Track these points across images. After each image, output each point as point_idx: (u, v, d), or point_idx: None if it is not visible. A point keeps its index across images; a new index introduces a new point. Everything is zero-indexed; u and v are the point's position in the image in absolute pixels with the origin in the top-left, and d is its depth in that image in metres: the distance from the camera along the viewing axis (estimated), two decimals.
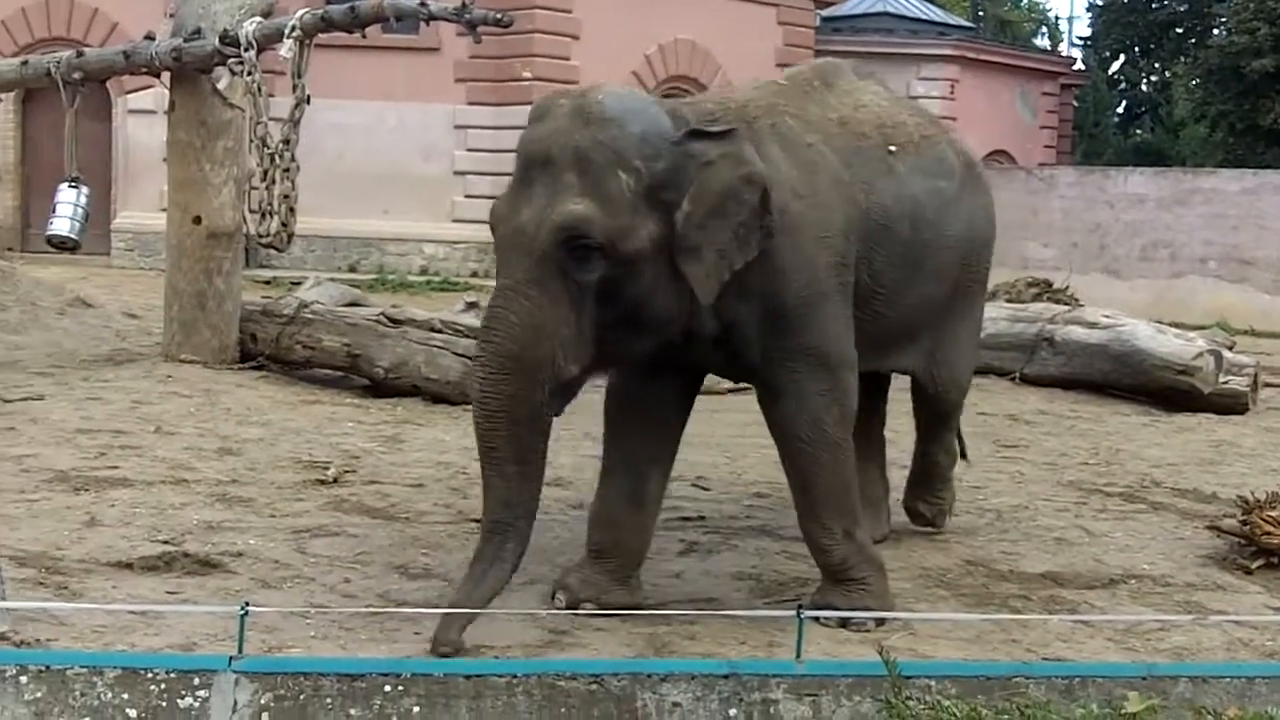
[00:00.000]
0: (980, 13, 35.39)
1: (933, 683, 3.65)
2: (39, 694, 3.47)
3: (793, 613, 3.91)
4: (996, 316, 11.09)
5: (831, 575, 4.58)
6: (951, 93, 22.92)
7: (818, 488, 4.52)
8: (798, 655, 3.76)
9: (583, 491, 6.04)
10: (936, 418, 5.63)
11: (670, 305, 4.18)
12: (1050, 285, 13.48)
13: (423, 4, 8.59)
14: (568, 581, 4.59)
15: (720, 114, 4.42)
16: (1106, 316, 10.49)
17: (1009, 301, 12.10)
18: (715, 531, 5.61)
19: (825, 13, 22.51)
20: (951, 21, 26.00)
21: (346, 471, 6.39)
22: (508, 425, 4.04)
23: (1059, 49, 35.69)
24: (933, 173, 5.01)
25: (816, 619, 4.36)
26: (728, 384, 9.82)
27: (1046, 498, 6.65)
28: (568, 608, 4.48)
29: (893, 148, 4.85)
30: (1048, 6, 42.21)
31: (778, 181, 4.31)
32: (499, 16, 8.03)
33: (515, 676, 3.54)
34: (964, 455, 6.01)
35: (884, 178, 4.77)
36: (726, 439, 7.55)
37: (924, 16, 24.64)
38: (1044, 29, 40.04)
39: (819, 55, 21.75)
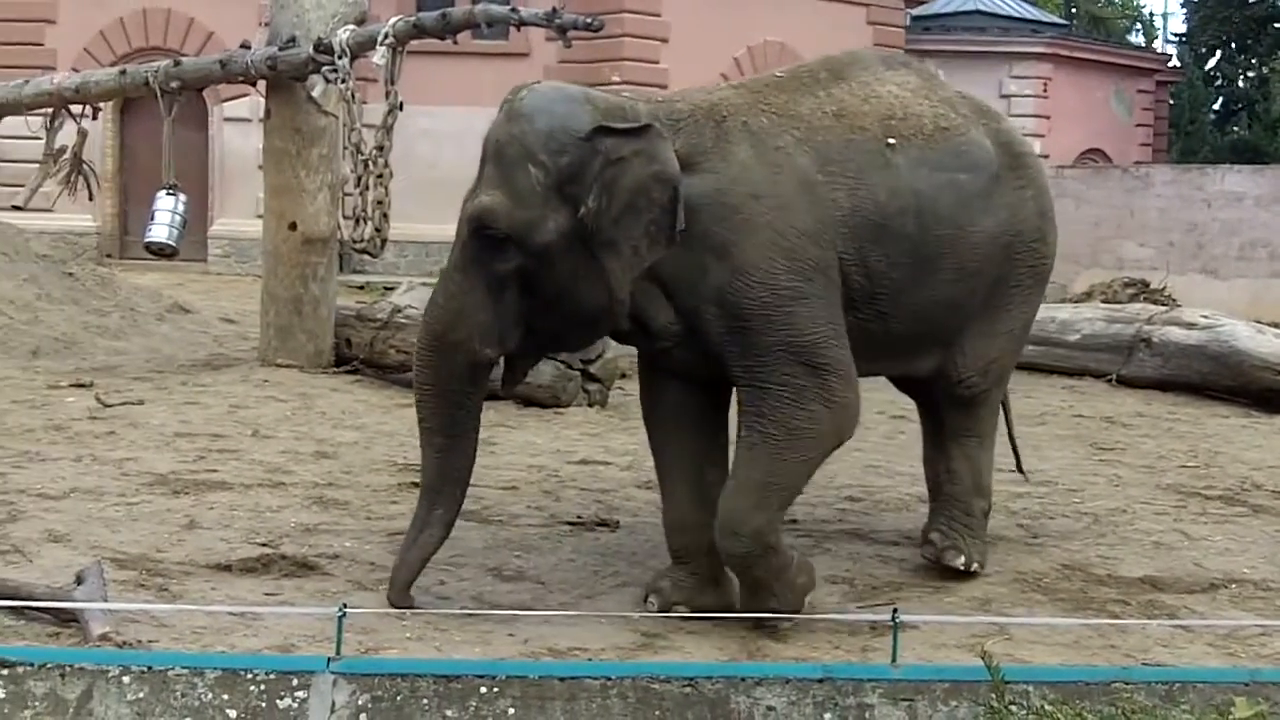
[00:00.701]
0: (1073, 9, 34.93)
1: (1031, 688, 3.61)
2: (141, 694, 3.53)
3: (888, 617, 3.88)
4: (1093, 317, 10.97)
5: (737, 567, 4.44)
6: (1044, 91, 22.66)
7: (753, 472, 4.36)
8: (893, 659, 3.73)
9: None
10: (955, 413, 5.12)
11: (597, 296, 4.27)
12: (1147, 285, 13.32)
13: (513, 9, 8.67)
14: (660, 585, 4.59)
15: (687, 112, 4.44)
16: (1204, 317, 10.33)
17: (1105, 302, 11.97)
18: (807, 535, 5.58)
19: (915, 12, 22.37)
20: (1044, 19, 25.71)
21: None
22: (433, 399, 4.41)
23: (1154, 45, 35.18)
24: (948, 165, 4.74)
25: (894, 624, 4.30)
26: None
27: (1145, 501, 6.55)
28: (660, 611, 4.49)
29: (892, 140, 4.64)
30: (1142, 2, 41.56)
31: (736, 181, 4.35)
32: (589, 21, 8.05)
33: (610, 679, 3.55)
34: (1020, 469, 5.89)
35: (878, 172, 4.57)
36: None
37: (1016, 14, 24.38)
38: (1138, 25, 39.46)
39: (910, 55, 21.60)
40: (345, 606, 3.69)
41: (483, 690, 3.53)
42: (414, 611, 4.34)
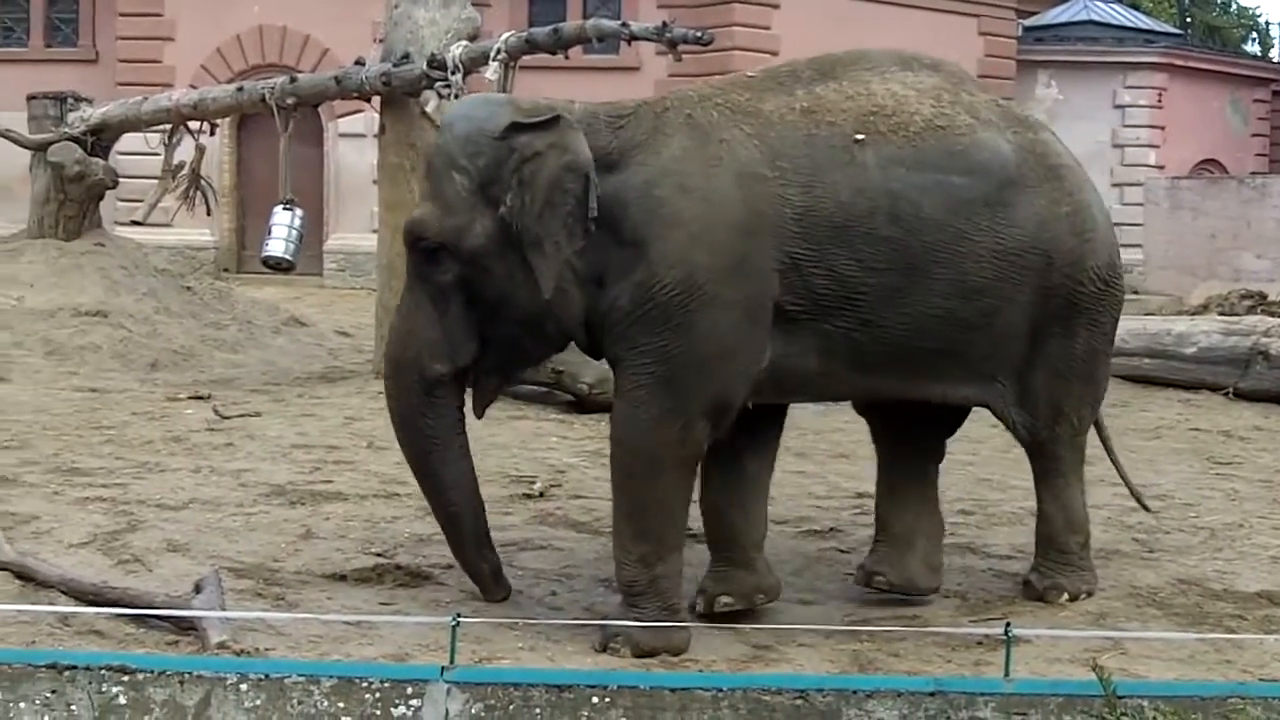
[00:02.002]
0: (1188, 19, 34.31)
1: (1145, 703, 3.55)
2: (258, 701, 3.59)
3: (1001, 630, 3.84)
4: (1209, 330, 10.75)
5: (624, 594, 4.33)
6: (1159, 101, 22.26)
7: (624, 500, 4.30)
8: (1006, 673, 3.69)
9: (785, 506, 6.03)
10: (1035, 465, 4.89)
11: (536, 298, 4.22)
12: (1265, 297, 13.02)
13: (624, 24, 8.70)
14: (704, 584, 4.60)
15: (631, 109, 4.42)
16: None
17: (1221, 314, 11.73)
18: (944, 529, 5.52)
19: (1028, 22, 22.09)
20: (1158, 28, 25.26)
21: (552, 486, 6.48)
22: (399, 425, 4.56)
23: (1270, 54, 34.41)
24: (934, 166, 4.37)
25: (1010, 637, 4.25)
26: None
27: (1262, 515, 6.40)
28: (707, 608, 4.50)
29: (860, 136, 4.35)
30: (1258, 11, 40.73)
31: (665, 174, 4.23)
32: (699, 35, 8.07)
33: (721, 690, 3.55)
34: (1143, 506, 5.69)
35: (839, 169, 4.30)
36: None
37: (1130, 24, 23.98)
38: (1254, 34, 38.65)
39: (1021, 66, 21.43)
40: (459, 616, 3.72)
41: (594, 700, 3.54)
42: (526, 621, 4.38)
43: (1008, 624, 3.88)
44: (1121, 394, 10.46)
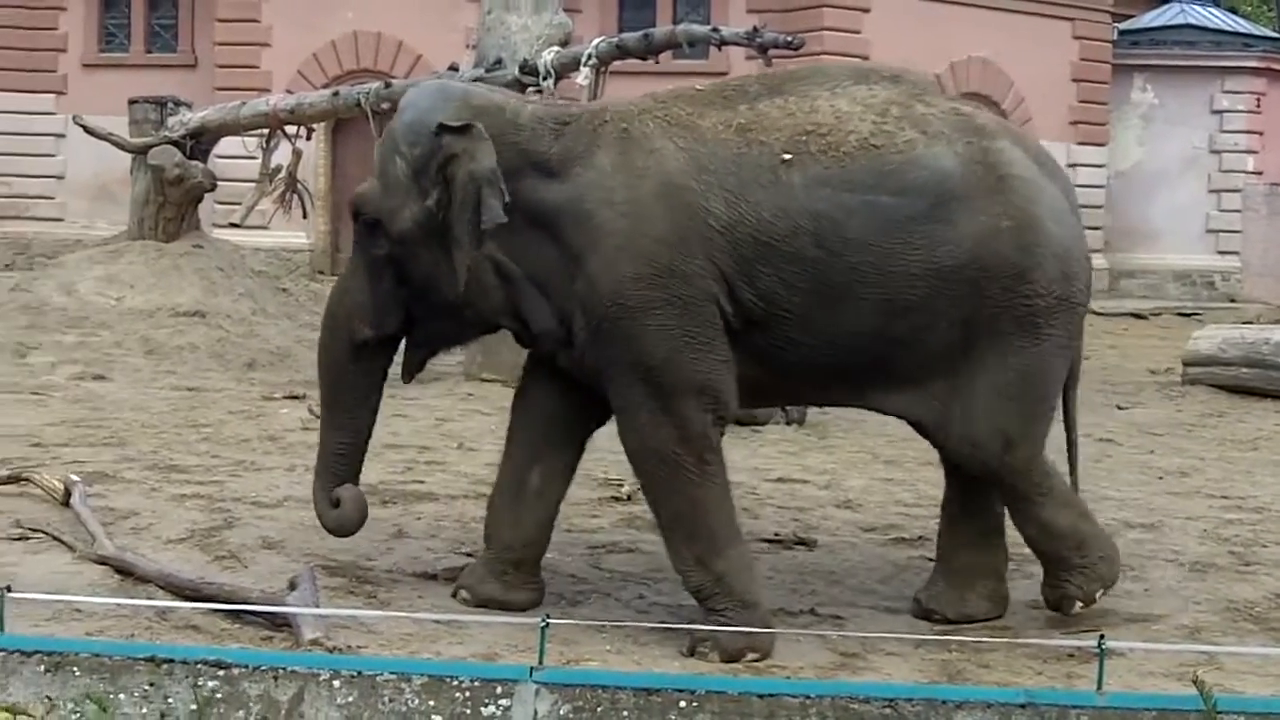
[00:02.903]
0: None
1: (1242, 718, 3.50)
2: (350, 698, 3.63)
3: (1093, 643, 3.79)
4: None
5: (697, 600, 4.39)
6: (1257, 106, 21.87)
7: (661, 510, 4.41)
8: (1099, 686, 3.64)
9: (874, 514, 6.01)
10: (1001, 492, 4.66)
11: (471, 291, 4.38)
12: None
13: (714, 29, 8.73)
14: (461, 569, 4.84)
15: (573, 118, 4.49)
16: None
17: None
18: (1010, 559, 5.47)
19: (1124, 26, 21.81)
20: (1257, 32, 24.79)
21: (640, 489, 6.48)
22: (323, 374, 4.80)
23: None
24: (862, 186, 4.26)
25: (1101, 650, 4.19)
26: None
27: None
28: (454, 594, 4.69)
29: (787, 156, 4.27)
30: None
31: (593, 186, 4.32)
32: (789, 39, 8.09)
33: (809, 697, 3.54)
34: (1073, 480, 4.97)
35: (764, 189, 4.24)
36: None
37: (1228, 28, 23.58)
38: None
39: (1116, 70, 21.16)
40: (548, 617, 3.75)
41: (682, 704, 3.55)
42: (613, 623, 4.39)
43: (1101, 636, 3.83)
44: (1218, 404, 10.32)
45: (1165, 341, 15.15)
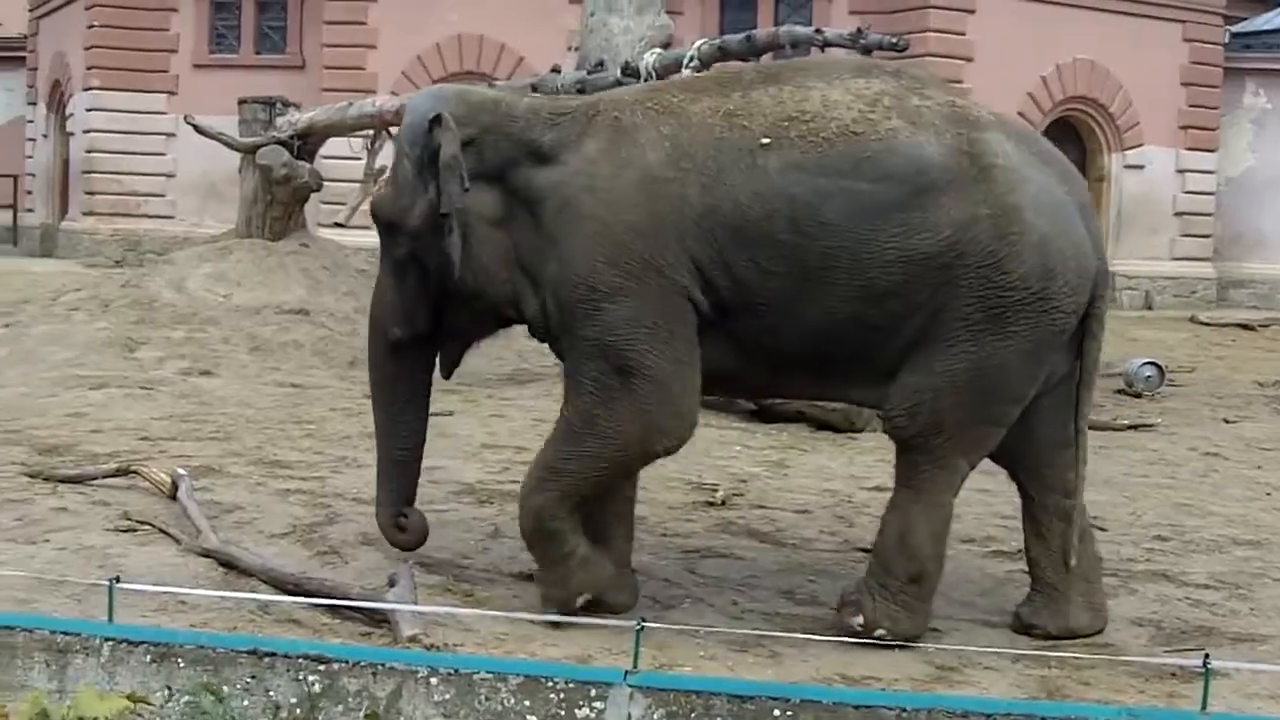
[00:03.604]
0: None
1: None
2: (447, 696, 3.67)
3: (1198, 662, 3.73)
4: None
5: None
6: None
7: (548, 450, 4.58)
8: (1203, 706, 3.58)
9: (971, 525, 5.95)
10: (898, 456, 4.54)
11: (470, 279, 4.52)
12: None
13: (818, 31, 8.70)
14: None
15: (571, 109, 4.60)
16: None
17: None
18: (1113, 575, 5.38)
19: (1236, 29, 21.39)
20: None
21: (734, 495, 6.49)
22: (370, 376, 5.00)
23: None
24: (838, 171, 4.25)
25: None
26: (1125, 420, 9.52)
27: None
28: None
29: (766, 140, 4.30)
30: None
31: (576, 174, 4.43)
32: (894, 40, 8.03)
33: (905, 709, 3.51)
34: (1065, 561, 4.59)
35: (741, 173, 4.28)
36: (1122, 477, 7.27)
37: None
38: None
39: (1228, 74, 20.75)
40: (643, 621, 3.76)
41: (776, 712, 3.54)
42: (708, 629, 4.39)
43: (1206, 655, 3.77)
44: None
45: (1275, 353, 14.85)
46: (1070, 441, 4.57)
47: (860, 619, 4.37)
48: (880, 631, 4.35)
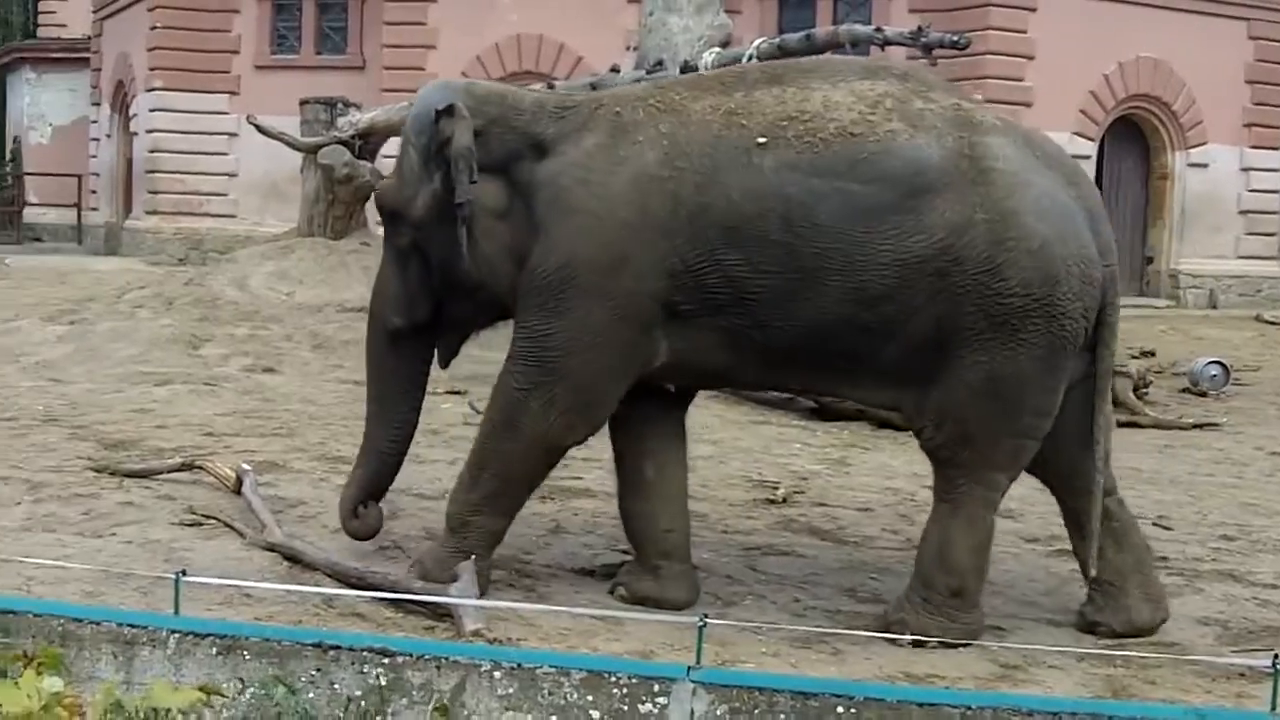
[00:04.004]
0: None
1: None
2: (510, 690, 3.67)
3: (1267, 662, 3.68)
4: None
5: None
6: None
7: (475, 443, 4.68)
8: (1273, 707, 3.52)
9: (1035, 525, 5.91)
10: (935, 482, 4.55)
11: (474, 270, 4.56)
12: None
13: (878, 29, 8.64)
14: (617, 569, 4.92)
15: (576, 103, 4.68)
16: None
17: None
18: (1179, 574, 5.34)
19: None
20: None
21: (795, 492, 6.47)
22: (368, 365, 5.01)
23: None
24: (833, 172, 4.25)
25: None
26: (1191, 419, 9.42)
27: None
28: (611, 591, 4.78)
29: (762, 140, 4.31)
30: None
31: (573, 165, 4.47)
32: (955, 39, 7.96)
33: (970, 708, 3.48)
34: (1084, 573, 4.62)
35: (736, 171, 4.30)
36: (1187, 476, 7.20)
37: None
38: None
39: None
40: (705, 617, 3.75)
41: (839, 710, 3.51)
42: (770, 626, 4.38)
43: (1275, 655, 3.71)
44: None
45: None
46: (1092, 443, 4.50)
47: (910, 633, 4.35)
48: (932, 641, 4.34)
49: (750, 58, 8.69)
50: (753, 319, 4.36)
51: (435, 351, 4.94)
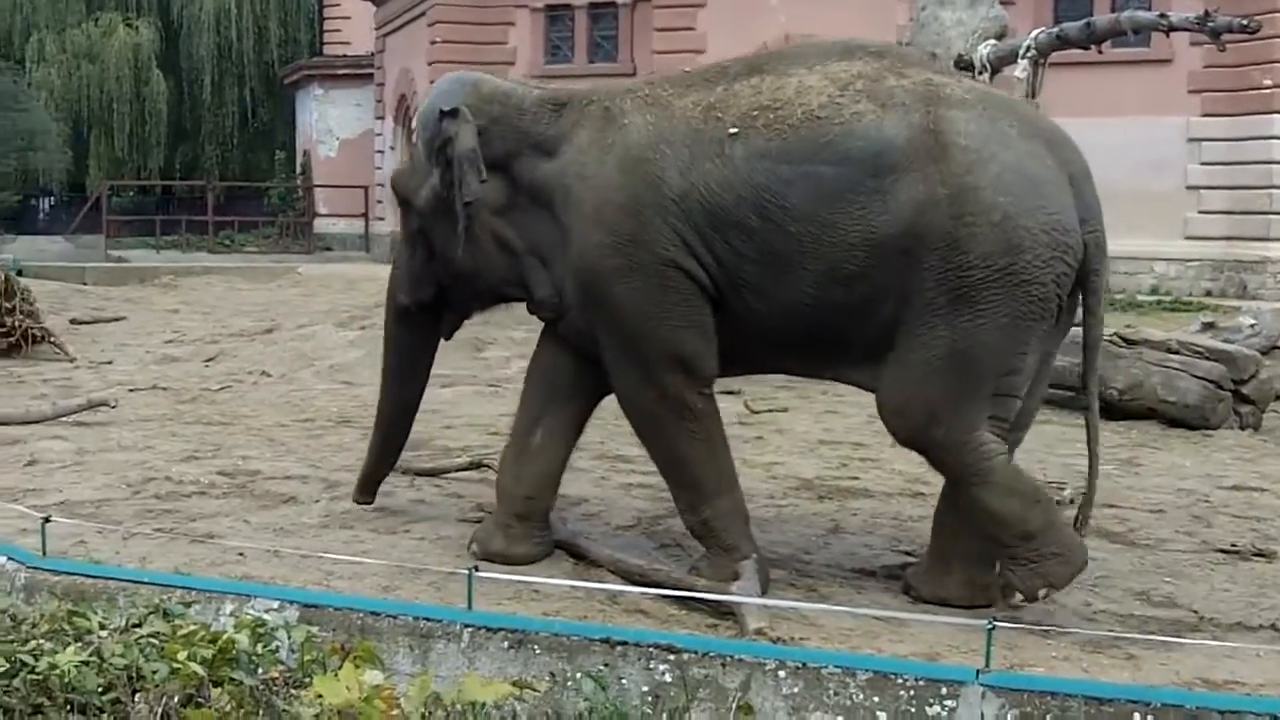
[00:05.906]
0: None
1: None
2: (795, 689, 3.69)
3: None
4: None
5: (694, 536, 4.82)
6: None
7: (654, 458, 4.83)
8: None
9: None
10: (940, 471, 4.55)
11: (469, 261, 4.78)
12: None
13: (1162, 15, 8.36)
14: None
15: (569, 100, 4.79)
16: None
17: None
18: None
19: None
20: None
21: (1082, 493, 6.28)
22: (386, 337, 5.36)
23: None
24: (801, 157, 4.25)
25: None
26: None
27: None
28: (468, 547, 5.01)
29: (734, 130, 4.35)
30: None
31: (571, 163, 4.63)
32: (1244, 22, 7.62)
33: (1276, 717, 3.35)
34: (1078, 524, 4.59)
35: (710, 161, 4.39)
36: None
37: None
38: None
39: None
40: (994, 620, 3.69)
41: (1136, 716, 3.43)
42: (1059, 629, 4.28)
43: None
44: None
45: None
46: (1026, 422, 4.68)
47: (1020, 598, 4.35)
48: (1043, 592, 4.32)
49: (1028, 49, 8.52)
50: (745, 304, 4.47)
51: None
